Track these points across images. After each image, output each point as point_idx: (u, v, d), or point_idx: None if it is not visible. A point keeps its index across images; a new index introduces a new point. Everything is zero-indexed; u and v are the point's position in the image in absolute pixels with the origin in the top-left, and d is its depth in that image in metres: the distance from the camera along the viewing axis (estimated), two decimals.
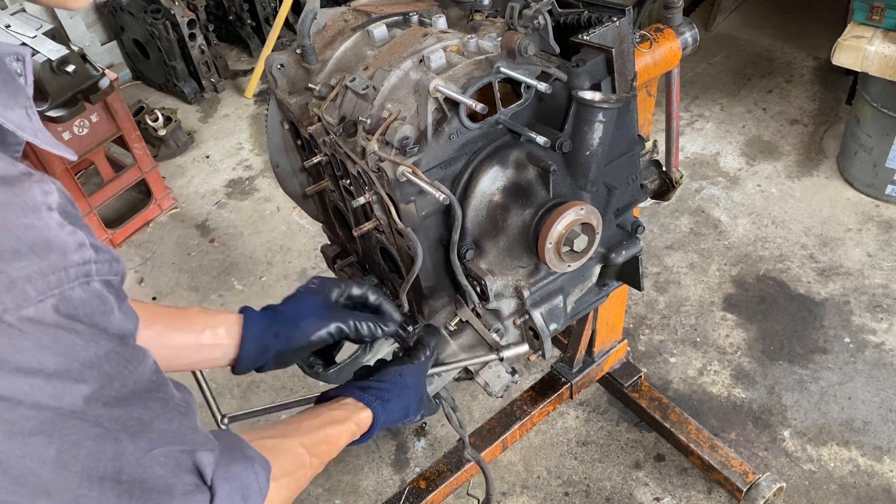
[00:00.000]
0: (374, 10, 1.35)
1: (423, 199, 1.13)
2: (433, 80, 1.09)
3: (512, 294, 1.24)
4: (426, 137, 1.11)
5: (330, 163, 1.30)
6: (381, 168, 1.10)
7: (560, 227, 1.13)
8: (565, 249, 1.16)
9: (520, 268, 1.23)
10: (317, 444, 1.02)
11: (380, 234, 1.28)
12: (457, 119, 1.11)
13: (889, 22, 2.55)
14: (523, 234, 1.17)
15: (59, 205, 0.61)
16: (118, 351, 0.64)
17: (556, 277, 1.28)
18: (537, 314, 1.26)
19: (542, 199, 1.17)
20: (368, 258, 1.46)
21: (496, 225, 1.18)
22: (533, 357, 1.34)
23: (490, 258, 1.20)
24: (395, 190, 1.11)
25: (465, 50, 1.18)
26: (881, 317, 2.49)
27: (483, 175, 1.15)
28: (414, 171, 1.07)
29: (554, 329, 1.29)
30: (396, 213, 1.14)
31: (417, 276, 1.20)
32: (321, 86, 1.25)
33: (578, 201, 1.15)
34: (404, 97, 1.14)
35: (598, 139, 1.14)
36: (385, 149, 1.11)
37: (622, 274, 1.38)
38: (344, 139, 1.19)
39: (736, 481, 1.95)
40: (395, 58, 1.19)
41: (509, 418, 2.06)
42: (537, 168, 1.15)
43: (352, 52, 1.29)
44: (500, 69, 1.12)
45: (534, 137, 1.11)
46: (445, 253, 1.20)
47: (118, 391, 0.64)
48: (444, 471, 1.97)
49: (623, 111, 1.20)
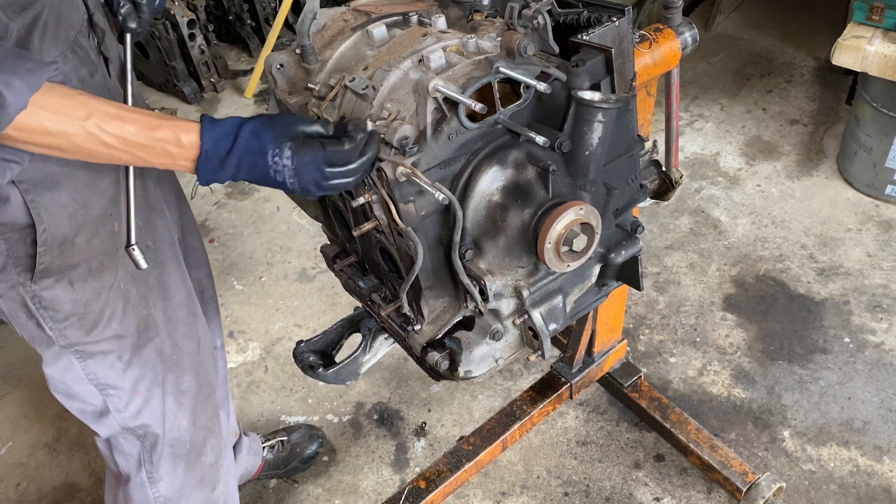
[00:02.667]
0: (374, 10, 1.35)
1: (422, 199, 1.13)
2: (432, 80, 1.09)
3: (511, 294, 1.24)
4: (425, 137, 1.11)
5: None
6: (380, 168, 1.10)
7: (559, 226, 1.13)
8: (564, 249, 1.16)
9: (519, 268, 1.23)
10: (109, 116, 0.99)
11: (379, 234, 1.29)
12: (456, 119, 1.11)
13: (889, 22, 2.55)
14: (523, 233, 1.17)
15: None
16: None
17: (556, 277, 1.28)
18: (537, 314, 1.26)
19: (542, 198, 1.17)
20: (368, 258, 1.46)
21: (495, 225, 1.18)
22: (532, 357, 1.34)
23: (489, 258, 1.20)
24: (395, 190, 1.11)
25: (464, 50, 1.18)
26: (881, 317, 2.49)
27: (482, 175, 1.15)
28: (413, 171, 1.07)
29: (553, 329, 1.29)
30: (396, 213, 1.14)
31: (417, 276, 1.20)
32: (320, 86, 1.25)
33: (578, 201, 1.15)
34: (404, 97, 1.14)
35: (597, 139, 1.14)
36: (384, 149, 1.11)
37: (622, 274, 1.38)
38: None
39: (735, 481, 1.95)
40: (395, 58, 1.19)
41: (509, 418, 2.06)
42: (537, 168, 1.15)
43: (351, 52, 1.29)
44: (500, 69, 1.12)
45: (533, 137, 1.12)
46: (445, 253, 1.20)
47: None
48: (444, 471, 1.97)
49: (622, 111, 1.20)
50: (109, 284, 1.26)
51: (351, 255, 1.54)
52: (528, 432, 2.19)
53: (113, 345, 1.32)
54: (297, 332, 2.68)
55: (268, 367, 2.58)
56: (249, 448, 2.09)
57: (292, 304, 2.80)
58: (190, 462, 1.53)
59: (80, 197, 1.16)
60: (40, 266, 1.15)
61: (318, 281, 2.87)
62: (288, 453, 2.20)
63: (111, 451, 1.48)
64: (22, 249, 1.14)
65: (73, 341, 1.27)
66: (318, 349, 1.63)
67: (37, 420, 2.53)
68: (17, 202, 1.10)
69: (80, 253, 1.19)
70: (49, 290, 1.19)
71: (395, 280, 1.38)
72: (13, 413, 2.57)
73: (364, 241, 1.39)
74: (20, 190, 1.10)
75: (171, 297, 1.43)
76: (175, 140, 1.02)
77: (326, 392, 2.46)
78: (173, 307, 1.43)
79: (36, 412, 2.55)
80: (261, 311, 2.79)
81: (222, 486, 1.65)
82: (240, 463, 2.04)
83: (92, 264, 1.22)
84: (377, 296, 1.47)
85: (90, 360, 1.31)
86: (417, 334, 1.32)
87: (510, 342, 1.33)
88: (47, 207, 1.13)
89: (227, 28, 4.40)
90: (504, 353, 1.35)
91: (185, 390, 1.47)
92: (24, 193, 1.10)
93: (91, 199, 1.18)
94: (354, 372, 1.61)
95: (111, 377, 1.35)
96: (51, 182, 1.12)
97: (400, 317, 1.38)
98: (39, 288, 1.18)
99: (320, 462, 2.27)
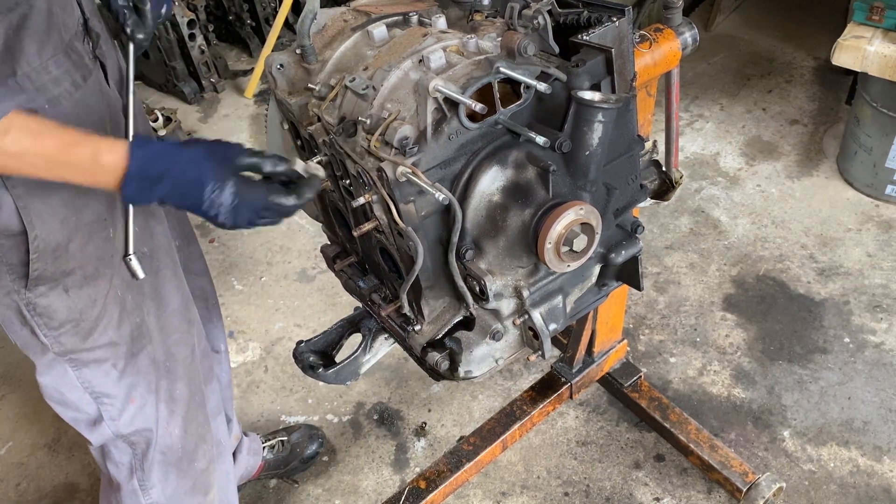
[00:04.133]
0: (374, 10, 1.35)
1: (422, 199, 1.13)
2: (433, 80, 1.09)
3: (511, 294, 1.24)
4: (426, 137, 1.11)
5: (330, 163, 1.30)
6: (380, 168, 1.10)
7: (559, 227, 1.13)
8: (565, 249, 1.16)
9: (519, 268, 1.23)
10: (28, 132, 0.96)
11: (379, 234, 1.29)
12: (456, 119, 1.11)
13: (889, 22, 2.55)
14: (523, 234, 1.17)
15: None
16: None
17: (556, 277, 1.28)
18: (537, 314, 1.26)
19: (542, 199, 1.17)
20: (368, 258, 1.46)
21: (495, 225, 1.18)
22: (533, 357, 1.34)
23: (489, 258, 1.20)
24: (396, 190, 1.11)
25: (464, 50, 1.18)
26: (881, 317, 2.49)
27: (483, 175, 1.15)
28: (414, 171, 1.07)
29: (553, 329, 1.29)
30: (397, 213, 1.13)
31: (417, 276, 1.20)
32: (321, 86, 1.25)
33: (578, 201, 1.15)
34: (404, 97, 1.14)
35: (597, 139, 1.14)
36: (384, 149, 1.11)
37: (622, 274, 1.38)
38: (344, 139, 1.18)
39: (736, 481, 1.95)
40: (395, 58, 1.19)
41: (509, 418, 2.06)
42: (537, 168, 1.15)
43: (351, 52, 1.29)
44: (500, 69, 1.12)
45: (533, 137, 1.12)
46: (445, 252, 1.20)
47: None
48: (444, 471, 1.97)
49: (622, 111, 1.20)
50: (105, 291, 1.25)
51: (351, 255, 1.54)
52: (528, 432, 2.19)
53: (108, 352, 1.31)
54: (297, 332, 2.68)
55: (268, 367, 2.58)
56: (249, 448, 2.09)
57: (292, 303, 2.80)
58: (182, 469, 1.53)
59: (72, 203, 1.16)
60: (34, 273, 1.15)
61: (319, 281, 2.87)
62: (288, 453, 2.20)
63: (104, 458, 1.48)
64: (15, 256, 1.13)
65: (68, 348, 1.26)
66: (319, 349, 1.63)
67: (37, 420, 2.53)
68: (9, 209, 1.10)
69: (75, 259, 1.18)
70: (44, 298, 1.18)
71: (395, 280, 1.38)
72: (13, 413, 2.57)
73: (364, 241, 1.39)
74: (12, 196, 1.09)
75: (166, 304, 1.42)
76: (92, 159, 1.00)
77: (326, 392, 2.46)
78: (167, 314, 1.42)
79: (36, 412, 2.55)
80: (261, 311, 2.79)
81: (216, 492, 1.65)
82: (240, 463, 2.04)
83: (87, 270, 1.21)
84: (377, 296, 1.47)
85: (85, 369, 1.31)
86: (417, 334, 1.32)
87: (510, 342, 1.33)
88: (39, 213, 1.12)
89: (227, 28, 4.40)
90: (504, 353, 1.35)
91: (178, 398, 1.47)
92: (16, 200, 1.09)
93: (83, 205, 1.18)
94: (354, 372, 1.61)
95: (106, 385, 1.34)
96: (42, 188, 1.10)
97: (400, 317, 1.38)
98: (34, 295, 1.18)
99: (320, 462, 2.27)
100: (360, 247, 1.45)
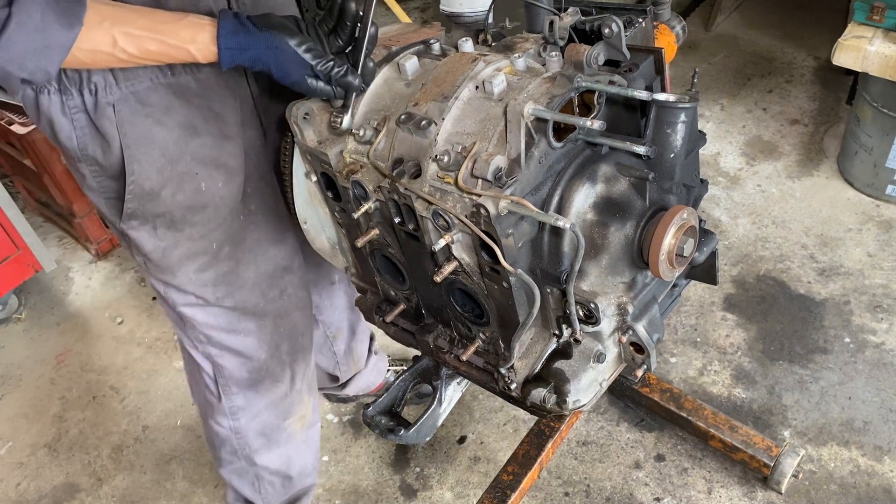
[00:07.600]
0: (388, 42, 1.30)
1: (518, 231, 1.08)
2: (527, 105, 1.04)
3: (614, 312, 1.20)
4: (519, 164, 1.05)
5: (379, 210, 1.24)
6: (478, 205, 1.03)
7: (670, 236, 1.10)
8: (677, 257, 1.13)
9: (621, 283, 1.19)
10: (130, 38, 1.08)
11: (455, 275, 1.22)
12: (544, 141, 1.07)
13: (889, 22, 2.55)
14: (627, 248, 1.14)
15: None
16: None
17: (651, 287, 1.24)
18: (640, 328, 1.21)
19: (640, 209, 1.14)
20: (427, 304, 1.38)
21: (594, 244, 1.14)
22: (639, 372, 1.29)
23: (591, 279, 1.16)
24: (496, 225, 1.04)
25: (516, 70, 1.14)
26: (881, 317, 2.49)
27: (575, 194, 1.12)
28: (521, 202, 1.02)
29: (657, 339, 1.24)
30: (500, 251, 1.06)
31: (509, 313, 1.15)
32: (363, 129, 1.18)
33: (680, 206, 1.12)
34: (472, 127, 1.10)
35: (681, 140, 1.12)
36: (472, 182, 1.06)
37: (695, 271, 1.35)
38: (409, 181, 1.12)
39: (762, 458, 1.97)
40: (447, 88, 1.13)
41: (540, 438, 1.99)
42: (631, 178, 1.13)
43: (383, 88, 1.23)
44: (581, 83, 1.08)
45: (632, 148, 1.08)
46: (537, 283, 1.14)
47: None
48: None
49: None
50: (189, 237, 1.39)
51: (398, 303, 1.45)
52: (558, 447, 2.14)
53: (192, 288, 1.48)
54: None
55: None
56: (375, 367, 2.29)
57: None
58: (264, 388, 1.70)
59: (169, 154, 1.28)
60: (128, 210, 1.32)
61: None
62: None
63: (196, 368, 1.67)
64: (115, 193, 1.31)
65: (153, 274, 1.47)
66: (386, 410, 1.58)
67: (37, 420, 2.53)
68: (116, 151, 1.24)
69: (164, 205, 1.32)
70: (134, 231, 1.36)
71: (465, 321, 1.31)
72: (13, 413, 2.57)
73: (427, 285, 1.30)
74: (122, 143, 1.23)
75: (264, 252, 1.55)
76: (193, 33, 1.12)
77: None
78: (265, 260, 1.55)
79: (36, 412, 2.55)
80: None
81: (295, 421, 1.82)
82: (363, 377, 2.27)
83: (175, 216, 1.35)
84: (443, 340, 1.39)
85: (171, 292, 1.49)
86: (513, 372, 1.26)
87: (610, 361, 1.28)
88: (140, 160, 1.25)
89: None
90: (606, 374, 1.29)
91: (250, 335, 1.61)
92: (124, 148, 1.23)
93: (179, 157, 1.29)
94: (433, 426, 1.56)
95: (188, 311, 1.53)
96: (147, 137, 1.24)
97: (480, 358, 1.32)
98: (126, 227, 1.36)
99: (320, 462, 2.27)
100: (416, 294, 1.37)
